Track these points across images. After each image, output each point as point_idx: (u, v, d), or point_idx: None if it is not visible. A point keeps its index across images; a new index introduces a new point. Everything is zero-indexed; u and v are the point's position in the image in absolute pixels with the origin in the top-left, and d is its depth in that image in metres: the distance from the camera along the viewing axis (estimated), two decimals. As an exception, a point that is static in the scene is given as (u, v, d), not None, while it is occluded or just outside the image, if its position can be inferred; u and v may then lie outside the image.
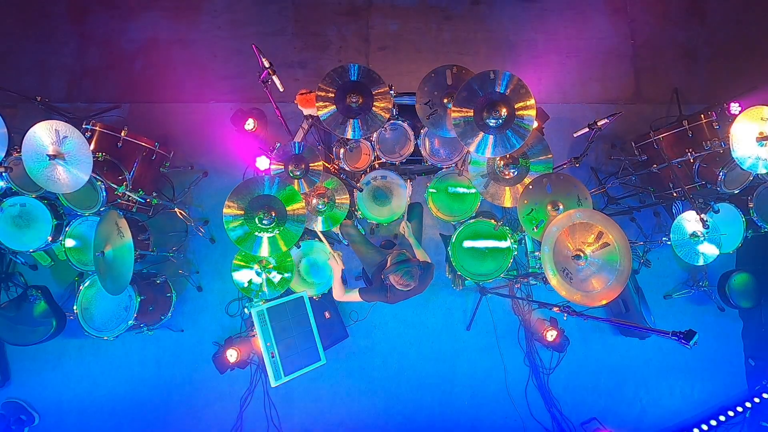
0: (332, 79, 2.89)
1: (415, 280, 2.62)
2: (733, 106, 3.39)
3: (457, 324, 4.05)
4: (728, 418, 3.97)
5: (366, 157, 3.39)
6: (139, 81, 4.18)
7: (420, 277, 2.68)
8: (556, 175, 2.90)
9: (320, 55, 4.30)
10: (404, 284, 2.62)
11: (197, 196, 4.05)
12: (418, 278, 2.64)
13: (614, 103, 4.34)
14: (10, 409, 3.79)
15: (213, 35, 4.28)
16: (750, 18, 4.52)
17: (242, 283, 3.24)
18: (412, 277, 2.60)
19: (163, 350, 3.91)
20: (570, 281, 2.66)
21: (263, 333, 3.20)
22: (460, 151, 3.30)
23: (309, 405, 3.94)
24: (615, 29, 4.47)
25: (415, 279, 2.62)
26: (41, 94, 3.51)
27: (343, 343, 3.86)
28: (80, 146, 2.66)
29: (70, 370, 3.88)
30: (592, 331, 4.10)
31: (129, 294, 3.30)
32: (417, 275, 2.63)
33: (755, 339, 4.18)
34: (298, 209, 2.91)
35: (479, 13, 4.42)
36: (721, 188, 3.33)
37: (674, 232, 3.42)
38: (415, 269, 2.62)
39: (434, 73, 2.97)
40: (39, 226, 3.29)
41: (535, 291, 4.00)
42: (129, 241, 2.91)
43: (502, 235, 3.30)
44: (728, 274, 3.81)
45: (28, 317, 3.43)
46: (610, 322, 3.42)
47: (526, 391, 4.04)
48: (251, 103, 4.14)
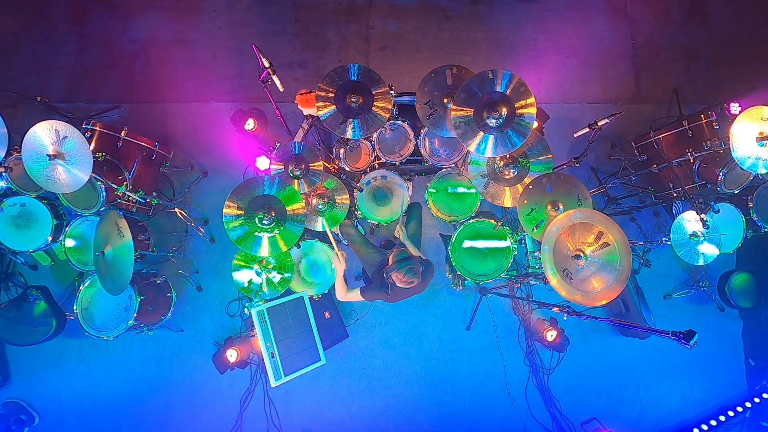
0: (332, 79, 2.90)
1: (418, 277, 2.62)
2: (733, 106, 3.39)
3: (457, 324, 4.05)
4: (728, 418, 3.97)
5: (366, 157, 3.39)
6: (139, 81, 4.18)
7: (422, 274, 2.68)
8: (556, 175, 2.90)
9: (320, 55, 4.30)
10: (407, 281, 2.61)
11: (197, 196, 4.05)
12: (420, 275, 2.64)
13: (614, 103, 4.34)
14: (10, 409, 3.79)
15: (213, 35, 4.27)
16: (750, 18, 4.52)
17: (242, 283, 3.24)
18: (415, 274, 2.60)
19: (163, 350, 3.91)
20: (570, 281, 2.66)
21: (263, 333, 3.20)
22: (460, 151, 3.30)
23: (309, 405, 3.94)
24: (615, 29, 4.47)
25: (418, 275, 2.62)
26: (41, 94, 3.51)
27: (343, 343, 3.86)
28: (80, 146, 2.66)
29: (70, 370, 3.88)
30: (592, 331, 4.11)
31: (129, 294, 3.30)
32: (419, 272, 2.63)
33: (755, 339, 4.18)
34: (298, 209, 2.91)
35: (479, 13, 4.42)
36: (721, 188, 3.33)
37: (674, 232, 3.42)
38: (417, 266, 2.62)
39: (434, 73, 2.97)
40: (39, 226, 3.29)
41: (535, 291, 4.00)
42: (129, 241, 2.91)
43: (502, 235, 3.30)
44: (728, 274, 3.80)
45: (28, 317, 3.42)
46: (610, 322, 3.41)
47: (526, 391, 4.04)
48: (251, 103, 4.14)
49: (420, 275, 2.64)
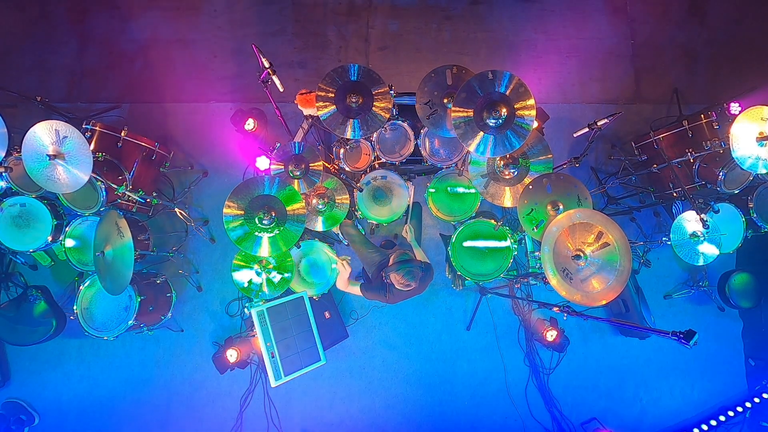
0: (332, 79, 2.89)
1: (416, 281, 2.62)
2: (733, 106, 3.39)
3: (457, 324, 4.05)
4: (728, 418, 3.97)
5: (366, 157, 3.39)
6: (139, 81, 4.18)
7: (420, 278, 2.68)
8: (556, 175, 2.90)
9: (320, 55, 4.30)
10: (405, 284, 2.61)
11: (197, 196, 4.05)
12: (419, 279, 2.64)
13: (614, 103, 4.34)
14: (10, 409, 3.79)
15: (213, 35, 4.27)
16: (750, 18, 4.52)
17: (242, 283, 3.24)
18: (414, 278, 2.60)
19: (163, 350, 3.91)
20: (570, 281, 2.66)
21: (263, 333, 3.20)
22: (460, 151, 3.30)
23: (309, 405, 3.94)
24: (615, 29, 4.47)
25: (416, 279, 2.62)
26: (41, 94, 3.51)
27: (343, 343, 3.86)
28: (80, 146, 2.66)
29: (70, 370, 3.88)
30: (592, 331, 4.11)
31: (129, 294, 3.30)
32: (418, 276, 2.63)
33: (755, 339, 4.18)
34: (298, 209, 2.91)
35: (479, 13, 4.42)
36: (721, 188, 3.33)
37: (674, 232, 3.42)
38: (417, 270, 2.62)
39: (434, 73, 2.97)
40: (39, 226, 3.29)
41: (535, 291, 4.00)
42: (129, 241, 2.91)
43: (502, 235, 3.30)
44: (728, 274, 3.80)
45: (28, 317, 3.43)
46: (610, 322, 3.41)
47: (526, 391, 4.04)
48: (251, 103, 4.14)
49: (418, 279, 2.64)
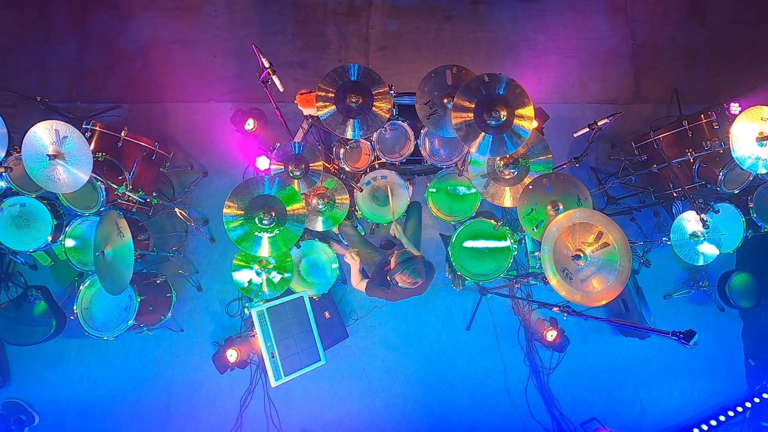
0: (332, 79, 2.89)
1: (422, 276, 2.62)
2: (733, 106, 3.39)
3: (457, 324, 4.05)
4: (728, 418, 3.97)
5: (366, 157, 3.39)
6: (139, 81, 4.18)
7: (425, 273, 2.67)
8: (556, 175, 2.90)
9: (320, 55, 4.30)
10: (412, 282, 2.61)
11: (197, 196, 4.04)
12: (424, 273, 2.64)
13: (614, 103, 4.34)
14: (10, 409, 3.79)
15: (213, 35, 4.27)
16: (750, 18, 4.52)
17: (242, 283, 3.24)
18: (419, 274, 2.60)
19: (163, 350, 3.91)
20: (570, 281, 2.66)
21: (263, 333, 3.19)
22: (460, 151, 3.30)
23: (309, 405, 3.94)
24: (615, 29, 4.47)
25: (422, 275, 2.62)
26: (41, 94, 3.51)
27: (343, 343, 3.86)
28: (80, 146, 2.66)
29: (70, 370, 3.88)
30: (592, 331, 4.10)
31: (129, 294, 3.30)
32: (423, 271, 2.63)
33: (755, 339, 4.18)
34: (298, 209, 2.91)
35: (479, 13, 4.41)
36: (721, 188, 3.32)
37: (674, 232, 3.42)
38: (420, 266, 2.62)
39: (434, 73, 2.96)
40: (39, 226, 3.29)
41: (535, 291, 4.00)
42: (129, 241, 2.91)
43: (502, 235, 3.30)
44: (728, 274, 3.80)
45: (28, 317, 3.42)
46: (610, 322, 3.41)
47: (526, 391, 4.04)
48: (251, 103, 4.14)
49: (424, 274, 2.64)
